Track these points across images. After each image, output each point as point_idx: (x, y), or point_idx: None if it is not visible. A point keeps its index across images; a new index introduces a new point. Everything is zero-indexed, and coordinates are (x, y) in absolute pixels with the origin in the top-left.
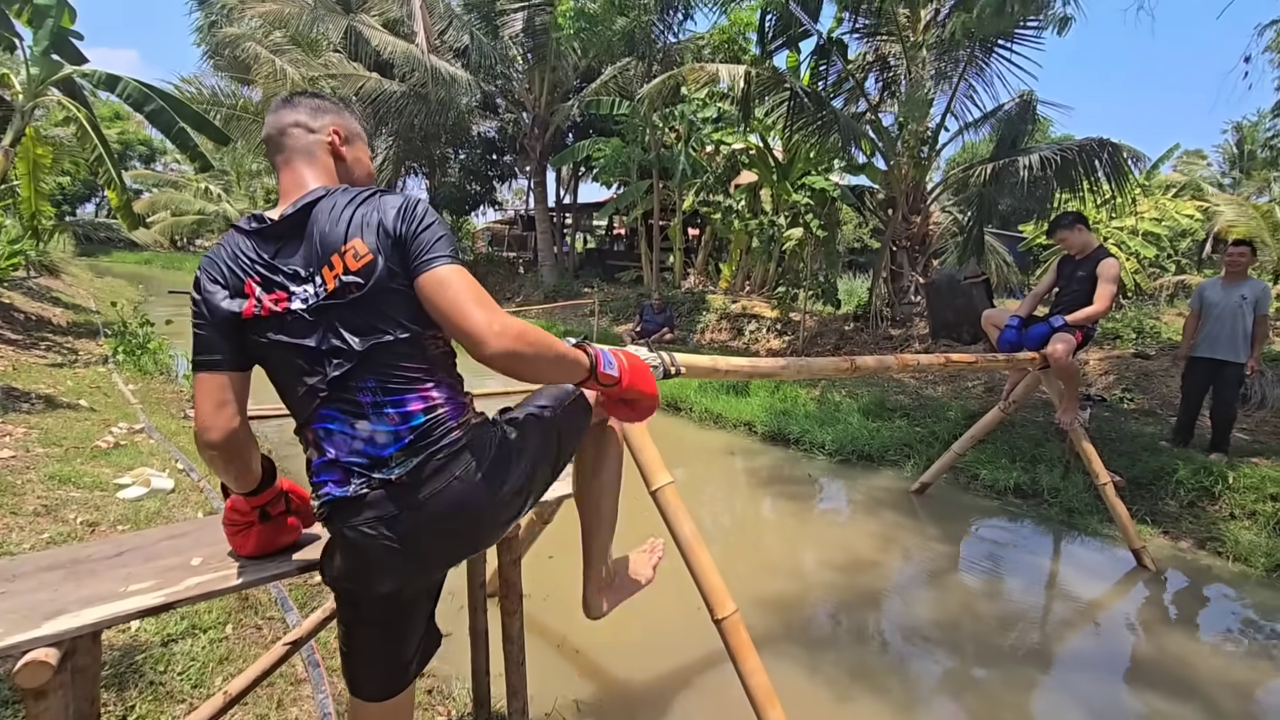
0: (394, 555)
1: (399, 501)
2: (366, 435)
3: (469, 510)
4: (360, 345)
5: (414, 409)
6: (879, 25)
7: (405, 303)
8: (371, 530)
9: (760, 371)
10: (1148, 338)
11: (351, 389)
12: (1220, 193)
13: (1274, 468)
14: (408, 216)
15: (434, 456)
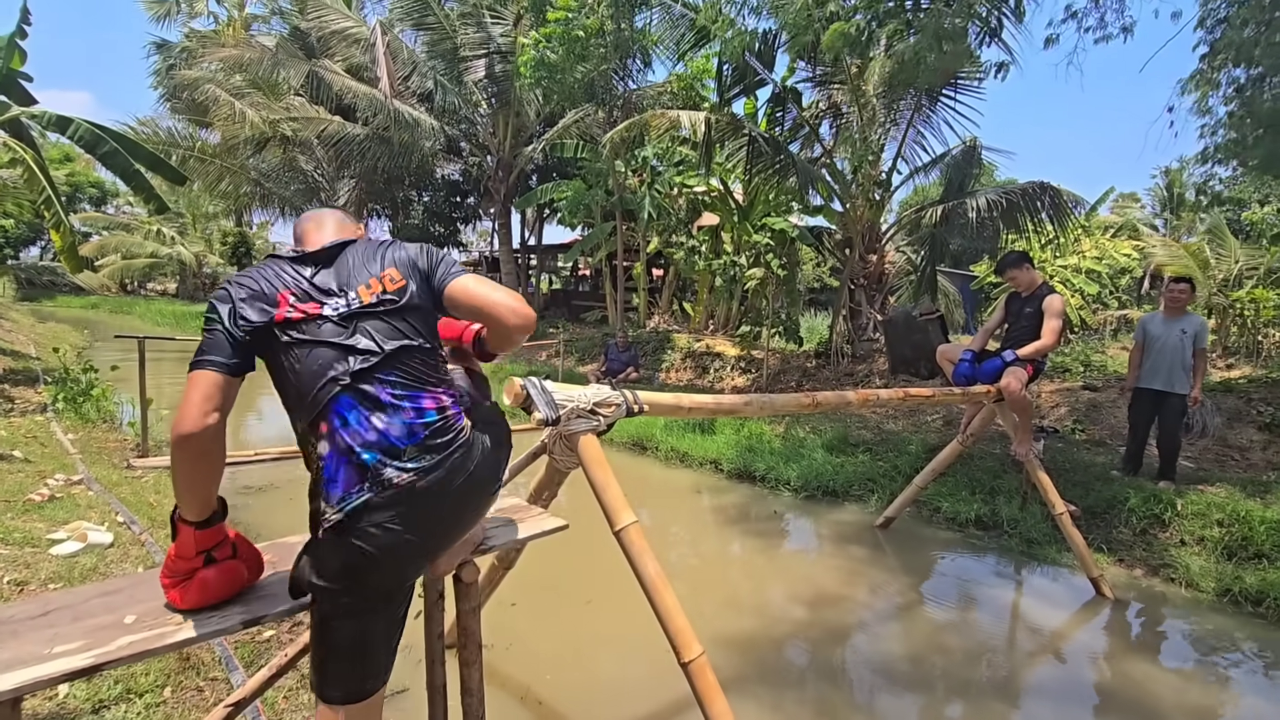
0: (408, 548)
1: (413, 500)
2: (382, 427)
3: (473, 501)
4: (387, 345)
5: (428, 407)
6: (831, 75)
7: (425, 320)
8: (394, 526)
9: (724, 409)
10: (1095, 370)
11: (373, 382)
12: (1154, 234)
13: (1218, 494)
14: (428, 254)
15: (447, 453)
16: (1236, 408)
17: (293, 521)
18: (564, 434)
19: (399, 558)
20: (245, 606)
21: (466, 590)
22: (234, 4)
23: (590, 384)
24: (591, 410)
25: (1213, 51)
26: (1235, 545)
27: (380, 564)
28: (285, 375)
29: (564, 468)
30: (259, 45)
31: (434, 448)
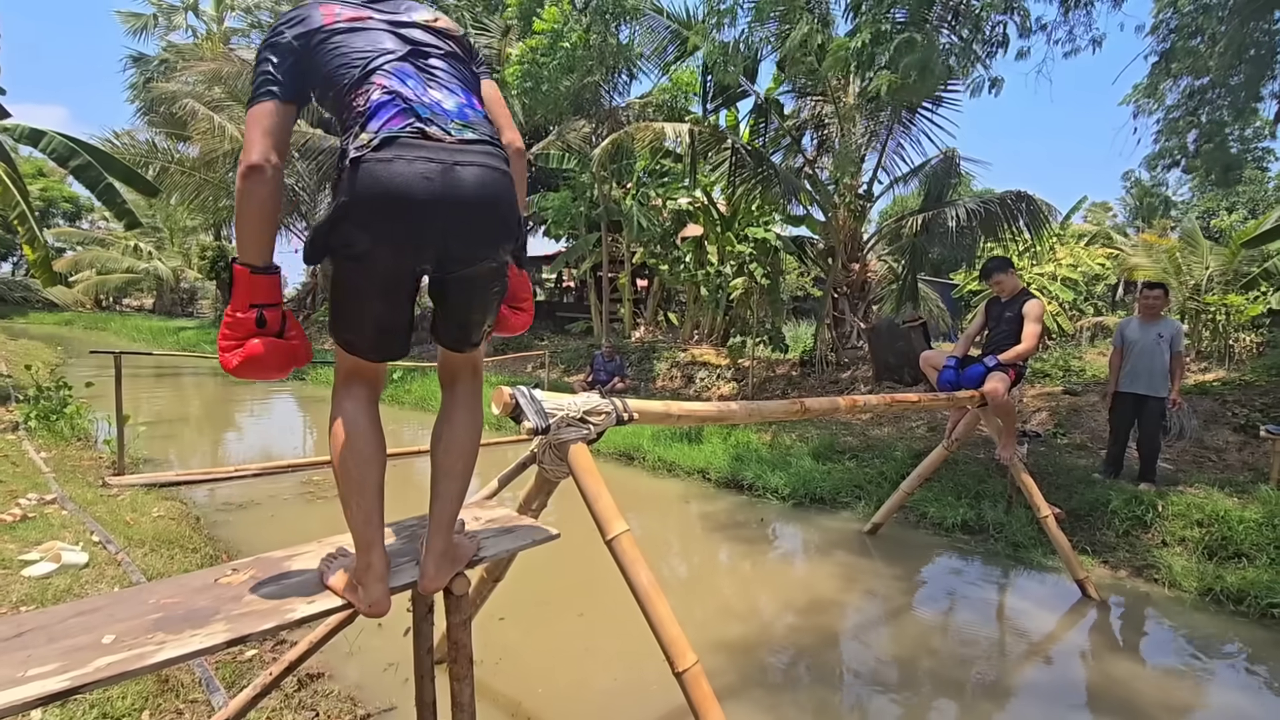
0: (420, 207)
1: (448, 156)
2: (437, 98)
3: (489, 195)
4: (442, 46)
5: (476, 104)
6: (812, 87)
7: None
8: (416, 167)
9: (714, 415)
10: (1074, 375)
11: (430, 62)
12: (1128, 240)
13: (1197, 495)
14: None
15: (484, 143)
16: (1212, 410)
17: (275, 539)
18: (554, 443)
19: (408, 207)
20: (229, 624)
21: (458, 603)
22: (212, 18)
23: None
24: (581, 419)
25: (1163, 59)
26: (1215, 545)
27: (395, 206)
28: (331, 57)
29: (554, 477)
30: (238, 59)
31: (475, 128)
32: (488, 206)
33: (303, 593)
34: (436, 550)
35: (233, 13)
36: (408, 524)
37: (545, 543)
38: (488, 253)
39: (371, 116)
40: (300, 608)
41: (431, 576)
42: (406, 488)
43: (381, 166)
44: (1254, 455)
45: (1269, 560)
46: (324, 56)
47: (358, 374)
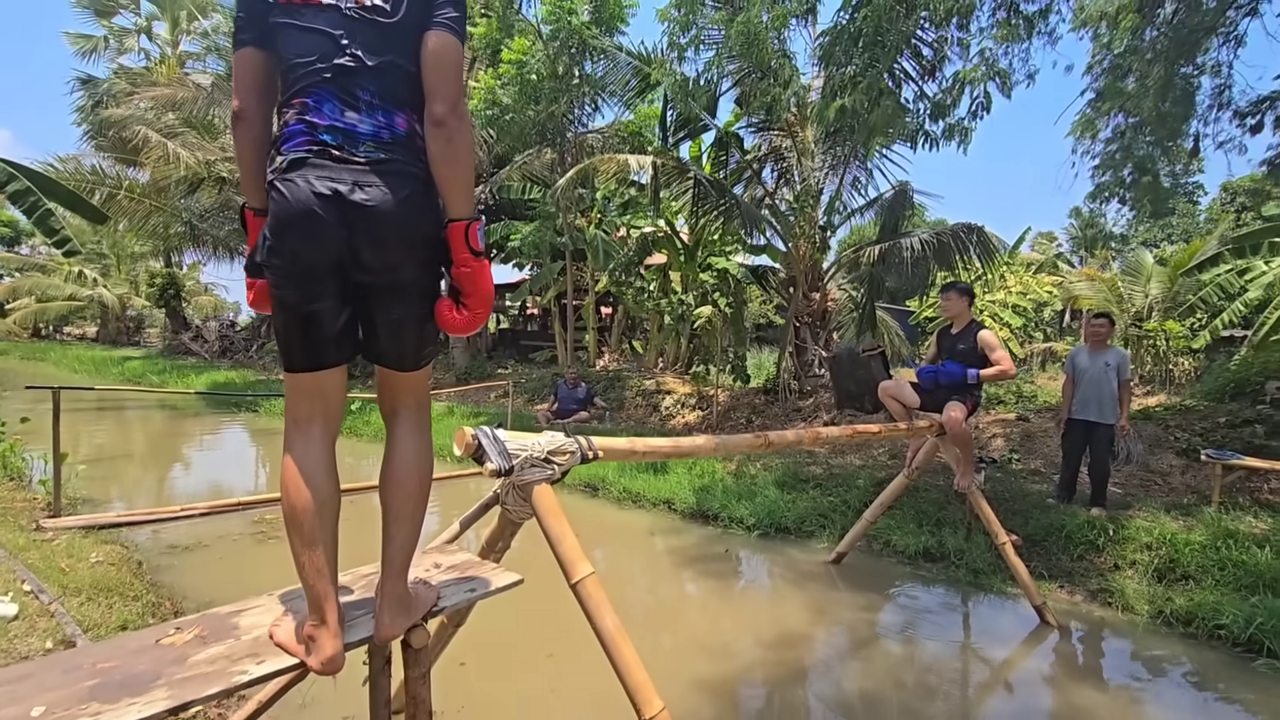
0: (326, 209)
1: (350, 175)
2: (352, 122)
3: (394, 214)
4: (372, 61)
5: (399, 123)
6: (771, 122)
7: (417, 43)
8: (319, 186)
9: (680, 451)
10: (1027, 400)
11: (354, 84)
12: (1073, 269)
13: (1145, 520)
14: None
15: (396, 162)
16: (1156, 435)
17: (223, 583)
18: (518, 484)
19: (311, 224)
20: (171, 690)
21: (416, 656)
22: (167, 41)
23: (541, 422)
24: (546, 459)
25: (1099, 97)
26: (1164, 568)
27: (296, 222)
28: (281, 51)
29: (518, 518)
30: (193, 84)
31: (389, 148)
32: (394, 224)
33: (252, 652)
34: (391, 597)
35: (189, 36)
36: (365, 572)
37: (508, 590)
38: (402, 262)
39: (285, 141)
40: (249, 669)
41: (386, 626)
42: (365, 526)
43: (289, 186)
44: (1196, 478)
45: (1214, 582)
46: (277, 43)
47: (307, 403)
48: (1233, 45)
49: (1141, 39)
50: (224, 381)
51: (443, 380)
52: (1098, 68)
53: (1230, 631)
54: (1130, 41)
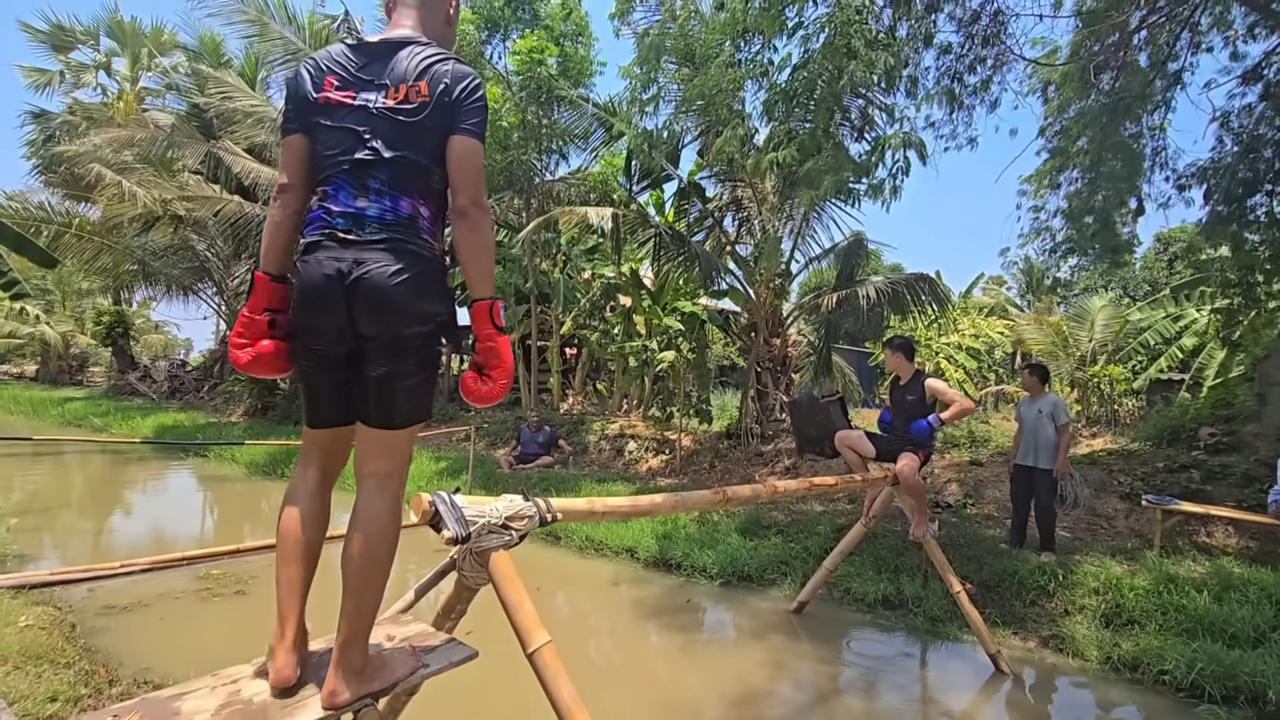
0: (327, 288)
1: (352, 255)
2: (361, 207)
3: (386, 288)
4: (388, 154)
5: (403, 206)
6: (731, 172)
7: (435, 141)
8: (329, 269)
9: (639, 510)
10: (980, 444)
11: (368, 174)
12: (1021, 314)
13: (1092, 563)
14: (468, 87)
15: (394, 240)
16: (1101, 479)
17: (163, 647)
18: (475, 550)
19: (317, 299)
20: None
21: None
22: (126, 78)
23: (503, 468)
24: (504, 525)
25: (1053, 156)
26: (1111, 613)
27: (307, 295)
28: (316, 145)
29: (474, 585)
30: (152, 124)
31: (389, 233)
32: (385, 297)
33: None
34: (342, 666)
35: (149, 73)
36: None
37: (463, 663)
38: (393, 325)
39: (308, 225)
40: None
41: (330, 691)
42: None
43: (304, 267)
44: (1139, 522)
45: (1157, 627)
46: (315, 135)
47: (313, 449)
48: (1164, 111)
49: (1088, 102)
50: (172, 424)
51: None
52: (1050, 131)
53: (1173, 676)
54: (1077, 105)
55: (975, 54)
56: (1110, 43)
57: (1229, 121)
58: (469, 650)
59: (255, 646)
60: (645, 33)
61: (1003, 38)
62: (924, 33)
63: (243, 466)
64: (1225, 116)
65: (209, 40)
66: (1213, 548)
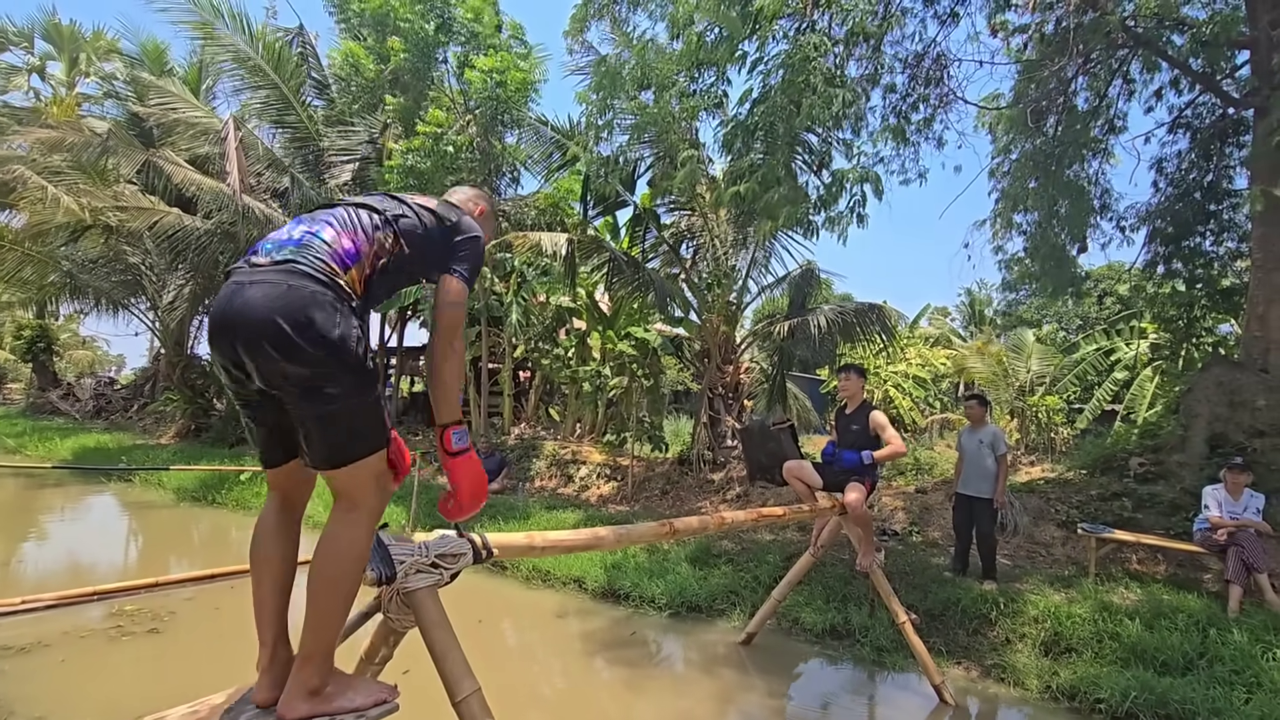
0: (224, 311)
1: (246, 277)
2: (295, 232)
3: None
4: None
5: (326, 234)
6: (685, 202)
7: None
8: (226, 291)
9: (580, 544)
10: (925, 471)
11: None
12: (964, 344)
13: (1032, 591)
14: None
15: (291, 263)
16: (1039, 507)
17: (61, 693)
18: (401, 591)
19: (220, 323)
20: None
21: None
22: (61, 82)
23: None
24: (433, 564)
25: (1003, 198)
26: (1050, 641)
27: (213, 322)
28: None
29: (401, 628)
30: (88, 129)
31: (292, 255)
32: (264, 318)
33: None
34: (298, 682)
35: (87, 79)
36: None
37: (385, 714)
38: (283, 353)
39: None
40: None
41: (283, 705)
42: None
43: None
44: (1075, 550)
45: (1093, 655)
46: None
47: (271, 482)
48: (1103, 157)
49: (1034, 144)
50: (95, 446)
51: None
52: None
53: (1109, 705)
54: (1022, 146)
55: (919, 94)
56: (1051, 89)
57: (1163, 167)
58: (386, 705)
59: (166, 691)
60: (603, 60)
61: (945, 80)
62: (872, 72)
63: (170, 492)
64: (1159, 162)
65: (152, 47)
66: (1143, 574)
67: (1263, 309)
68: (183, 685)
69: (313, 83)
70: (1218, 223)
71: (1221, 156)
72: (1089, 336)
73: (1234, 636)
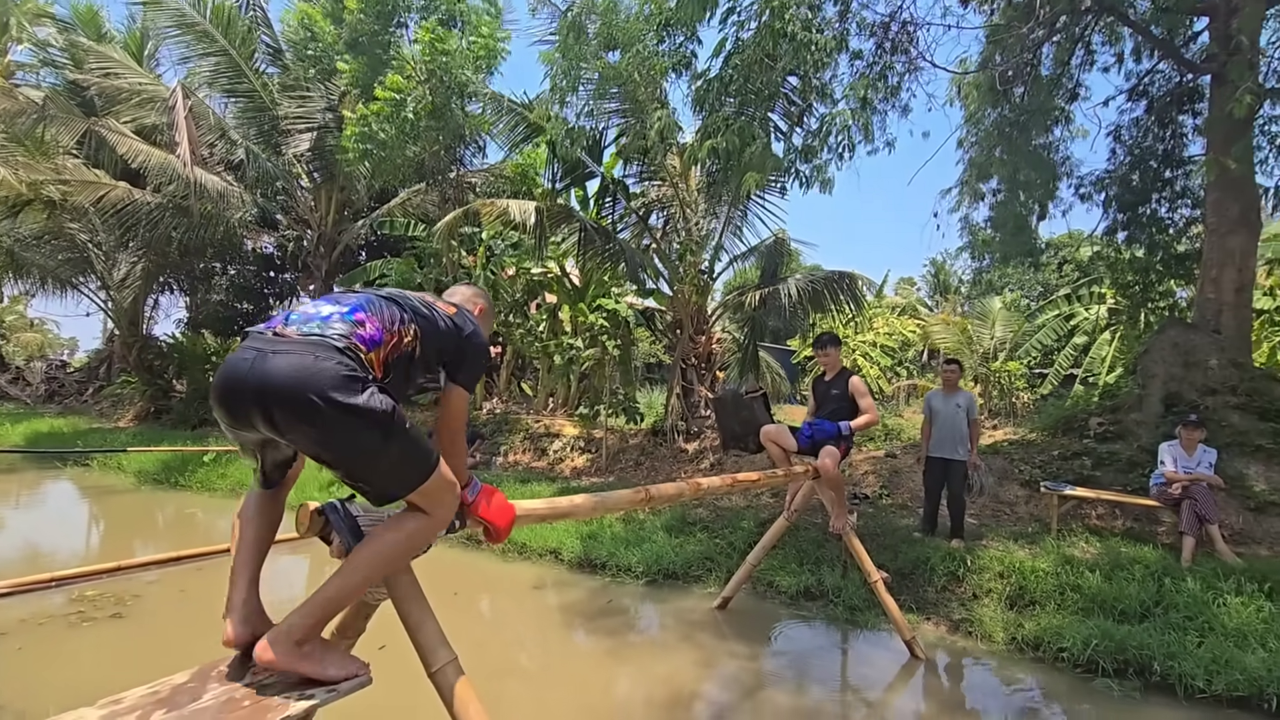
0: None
1: (270, 346)
2: (320, 310)
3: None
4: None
5: (356, 316)
6: (654, 170)
7: (431, 325)
8: (246, 354)
9: (558, 512)
10: (894, 436)
11: (353, 290)
12: (930, 313)
13: (997, 548)
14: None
15: (319, 338)
16: (1004, 467)
17: (18, 683)
18: None
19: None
20: None
21: None
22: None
23: None
24: None
25: (971, 167)
26: (1015, 595)
27: (223, 383)
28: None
29: (373, 600)
30: (24, 97)
31: (320, 331)
32: (293, 387)
33: None
34: (286, 630)
35: (20, 46)
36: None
37: (356, 690)
38: (309, 421)
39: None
40: None
41: (265, 648)
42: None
43: (230, 354)
44: (1038, 507)
45: (1056, 606)
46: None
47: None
48: (1064, 124)
49: (1003, 114)
50: (48, 431)
51: None
52: (967, 143)
53: (1071, 653)
54: (990, 114)
55: (885, 62)
56: (1018, 55)
57: (1120, 135)
58: (358, 679)
59: (130, 675)
60: (567, 10)
61: (912, 47)
62: (839, 35)
63: (131, 475)
64: (1117, 130)
65: (85, 10)
66: (1102, 529)
67: (1215, 272)
68: (147, 669)
69: (266, 49)
70: (1173, 189)
71: (1177, 124)
72: (1051, 303)
73: (1187, 585)
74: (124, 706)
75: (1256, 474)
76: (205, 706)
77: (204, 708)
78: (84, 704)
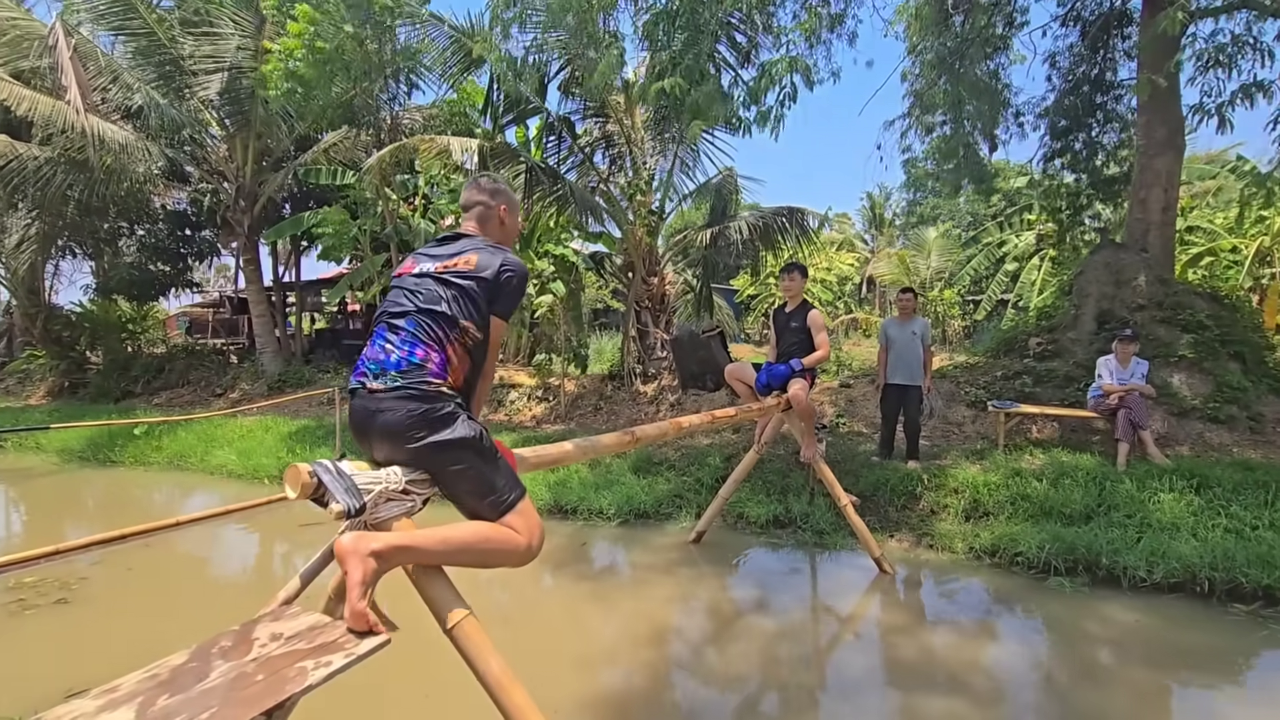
0: (360, 430)
1: (371, 404)
2: (387, 352)
3: (393, 428)
4: (416, 305)
5: (418, 354)
6: (601, 106)
7: (467, 302)
8: (358, 411)
9: (546, 459)
10: (845, 367)
11: (399, 323)
12: (866, 246)
13: (951, 466)
14: (510, 277)
15: (399, 389)
16: (951, 390)
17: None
18: (371, 524)
19: (359, 431)
20: None
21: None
22: None
23: None
24: (405, 490)
25: (915, 97)
26: (970, 508)
27: (353, 427)
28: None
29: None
30: None
31: (396, 382)
32: (395, 434)
33: None
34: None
35: None
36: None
37: (375, 653)
38: (412, 452)
39: (354, 370)
40: None
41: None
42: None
43: (349, 406)
44: (985, 426)
45: (1008, 516)
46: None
47: None
48: (1004, 52)
49: (944, 45)
50: None
51: (252, 390)
52: (911, 75)
53: (1026, 557)
54: (933, 43)
55: None
56: None
57: (1056, 61)
58: (377, 638)
59: (84, 661)
60: None
61: None
62: None
63: (53, 455)
64: (1052, 57)
65: None
66: (1044, 441)
67: (1144, 193)
68: (108, 654)
69: None
70: (1104, 113)
71: (1109, 48)
72: (984, 230)
73: (1125, 487)
74: (122, 694)
75: (1180, 382)
76: (214, 686)
77: (213, 687)
78: (45, 696)
